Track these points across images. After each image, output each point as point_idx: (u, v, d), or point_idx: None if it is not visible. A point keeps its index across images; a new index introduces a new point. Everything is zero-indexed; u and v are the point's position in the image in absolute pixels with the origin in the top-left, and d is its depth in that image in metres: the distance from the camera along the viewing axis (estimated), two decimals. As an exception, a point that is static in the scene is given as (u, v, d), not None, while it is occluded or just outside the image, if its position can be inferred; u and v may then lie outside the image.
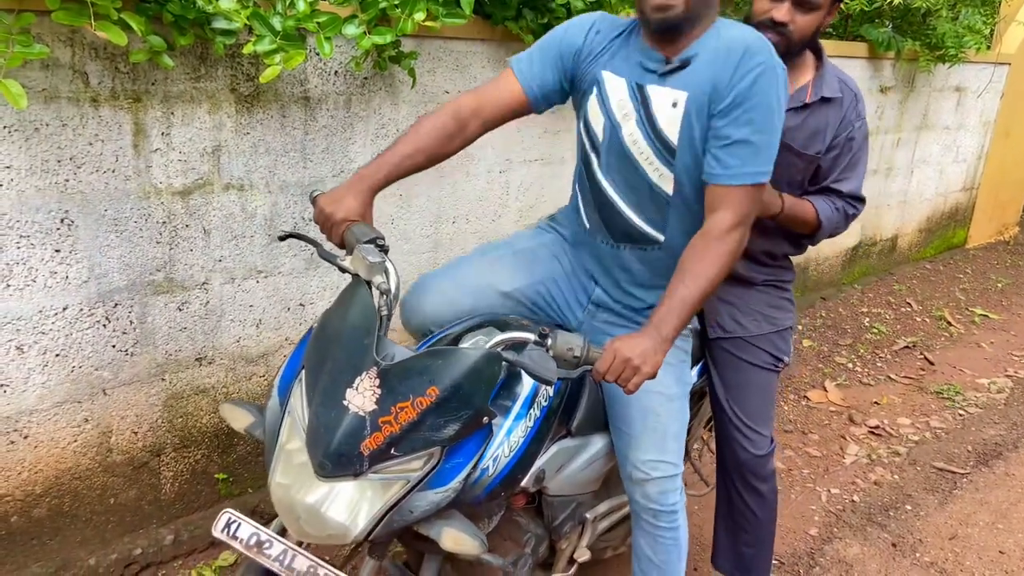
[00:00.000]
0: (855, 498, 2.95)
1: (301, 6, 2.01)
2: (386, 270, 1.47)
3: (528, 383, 1.59)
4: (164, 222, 2.09)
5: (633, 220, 1.67)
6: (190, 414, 2.31)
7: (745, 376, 2.04)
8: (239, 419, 1.55)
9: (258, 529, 1.38)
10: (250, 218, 2.24)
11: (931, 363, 4.16)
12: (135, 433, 2.21)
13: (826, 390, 3.76)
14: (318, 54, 2.19)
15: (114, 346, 2.10)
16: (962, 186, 5.71)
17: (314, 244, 1.57)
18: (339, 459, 1.30)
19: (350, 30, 2.11)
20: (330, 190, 1.55)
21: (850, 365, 4.05)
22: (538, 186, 2.96)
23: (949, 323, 4.70)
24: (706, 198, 1.54)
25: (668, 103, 1.54)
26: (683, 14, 1.48)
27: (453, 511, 1.44)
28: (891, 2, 4.13)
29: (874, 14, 4.28)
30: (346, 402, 1.32)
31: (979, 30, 4.53)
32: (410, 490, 1.34)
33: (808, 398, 3.68)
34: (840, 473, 3.11)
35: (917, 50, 4.44)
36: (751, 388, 2.04)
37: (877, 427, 3.46)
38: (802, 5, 1.76)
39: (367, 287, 1.44)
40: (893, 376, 3.99)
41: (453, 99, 1.64)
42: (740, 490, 2.12)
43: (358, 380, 1.33)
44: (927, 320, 4.72)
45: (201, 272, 2.19)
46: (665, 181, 1.60)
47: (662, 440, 1.71)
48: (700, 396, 2.20)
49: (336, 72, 2.29)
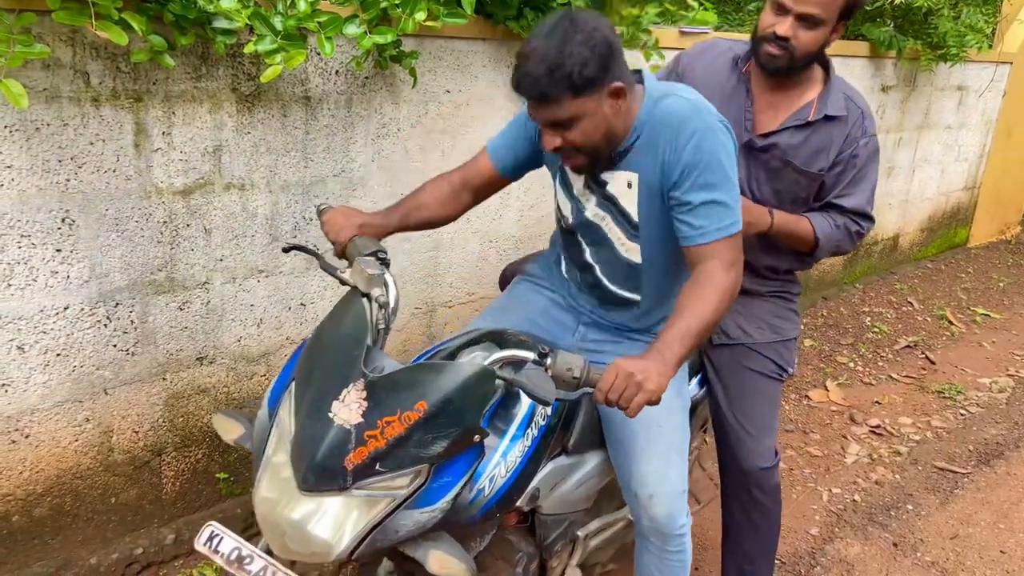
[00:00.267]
0: (856, 497, 2.95)
1: (302, 6, 2.01)
2: (385, 283, 1.45)
3: (526, 402, 1.57)
4: (165, 222, 2.09)
5: (610, 287, 1.77)
6: (191, 413, 2.31)
7: (750, 385, 2.01)
8: (230, 430, 1.53)
9: (240, 544, 1.35)
10: (251, 218, 2.24)
11: (932, 362, 4.16)
12: (136, 432, 2.21)
13: (827, 389, 3.76)
14: (319, 54, 2.19)
15: (115, 346, 2.10)
16: (964, 185, 5.70)
17: (316, 256, 1.56)
18: (322, 472, 1.27)
19: (351, 30, 2.11)
20: (344, 206, 1.67)
21: (851, 364, 4.05)
22: (539, 186, 2.96)
23: (951, 322, 4.70)
24: (689, 257, 1.58)
25: (623, 184, 1.62)
26: (595, 160, 1.58)
27: (442, 532, 1.40)
28: (893, 1, 4.12)
29: (876, 13, 4.27)
30: (331, 414, 1.29)
31: (981, 29, 4.53)
32: (395, 508, 1.30)
33: (809, 397, 3.68)
34: (841, 472, 3.11)
35: (919, 49, 4.44)
36: (756, 397, 2.01)
37: (878, 426, 3.46)
38: (805, 20, 1.75)
39: (363, 299, 1.42)
40: (894, 375, 3.98)
41: (451, 170, 1.82)
42: (743, 504, 2.09)
43: (345, 392, 1.30)
44: (928, 319, 4.72)
45: (202, 272, 2.20)
46: (632, 253, 1.69)
47: (666, 452, 1.68)
48: (693, 411, 2.11)
49: (337, 72, 2.29)
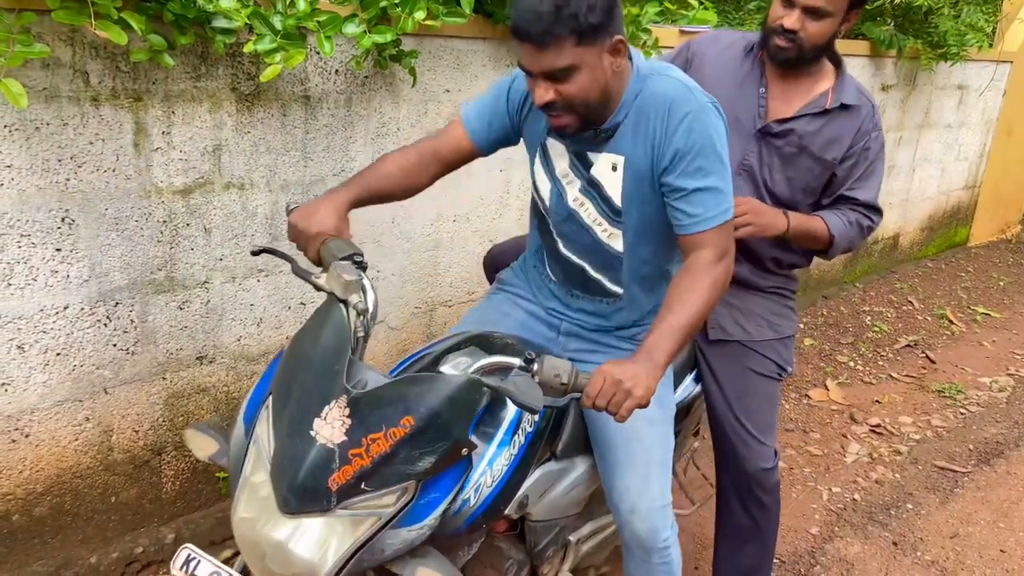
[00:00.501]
0: (856, 497, 2.95)
1: (301, 5, 2.01)
2: (363, 288, 1.38)
3: (512, 408, 1.52)
4: (165, 221, 2.09)
5: (592, 274, 1.71)
6: (191, 413, 2.31)
7: (751, 386, 2.00)
8: (203, 446, 1.46)
9: (218, 568, 1.31)
10: (251, 217, 2.24)
11: (933, 362, 4.16)
12: (136, 432, 2.22)
13: (827, 389, 3.76)
14: (318, 53, 2.19)
15: (115, 345, 2.10)
16: (964, 184, 5.70)
17: (288, 260, 1.49)
18: (304, 494, 1.21)
19: (350, 29, 2.11)
20: (302, 205, 1.51)
21: (851, 364, 4.05)
22: (539, 185, 2.96)
23: (951, 321, 4.70)
24: (681, 244, 1.56)
25: (608, 167, 1.57)
26: (583, 125, 1.50)
27: (428, 547, 1.36)
28: (893, 0, 4.12)
29: (876, 12, 4.27)
30: (313, 432, 1.24)
31: (981, 28, 4.52)
32: (381, 527, 1.26)
33: (809, 397, 3.68)
34: (841, 472, 3.11)
35: (919, 48, 4.44)
36: (756, 397, 2.00)
37: (878, 426, 3.46)
38: (813, 12, 1.76)
39: (341, 307, 1.36)
40: (895, 375, 3.98)
41: (418, 141, 1.70)
42: (745, 503, 2.08)
43: (327, 409, 1.25)
44: (929, 319, 4.72)
45: (202, 271, 2.20)
46: (614, 239, 1.64)
47: (646, 468, 1.65)
48: (687, 410, 2.12)
49: (337, 71, 2.29)
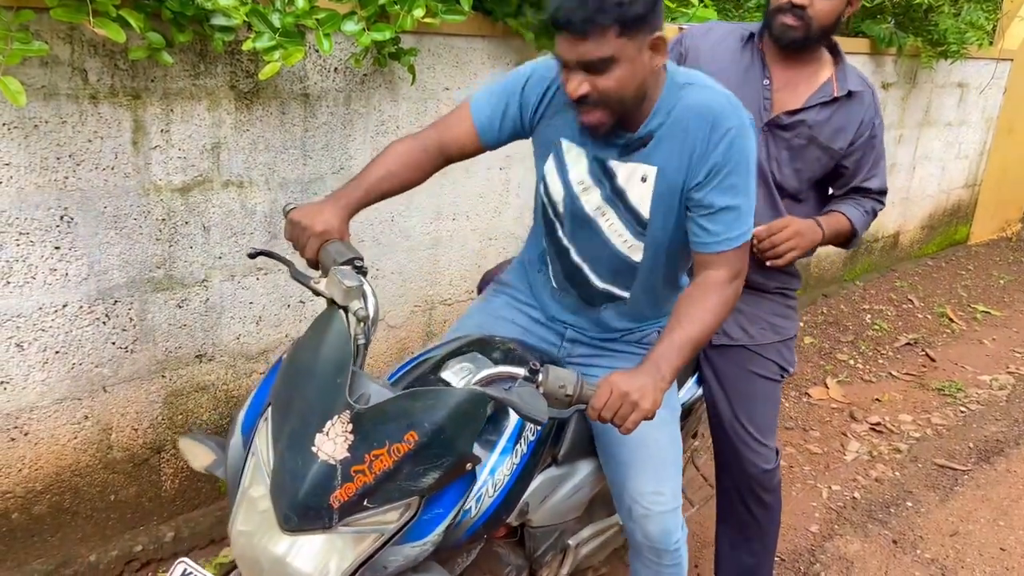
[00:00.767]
0: (856, 495, 2.95)
1: (300, 3, 2.00)
2: (364, 294, 1.35)
3: (515, 416, 1.49)
4: (164, 219, 2.09)
5: (599, 285, 1.67)
6: (190, 411, 2.31)
7: (754, 388, 2.00)
8: (199, 456, 1.42)
9: None
10: (250, 215, 2.24)
11: (933, 360, 4.16)
12: (135, 430, 2.22)
13: (827, 387, 3.76)
14: (317, 51, 2.19)
15: (114, 343, 2.10)
16: (964, 183, 5.70)
17: (286, 263, 1.45)
18: (306, 511, 1.18)
19: (349, 27, 2.11)
20: (305, 204, 1.47)
21: (851, 362, 4.05)
22: (538, 183, 2.96)
23: (951, 320, 4.69)
24: (695, 260, 1.53)
25: (637, 178, 1.52)
26: (615, 125, 1.46)
27: (430, 562, 1.35)
28: (893, -2, 4.12)
29: (876, 10, 4.26)
30: (315, 448, 1.20)
31: (981, 26, 4.52)
32: (384, 544, 1.24)
33: (809, 395, 3.68)
34: (841, 470, 3.11)
35: (919, 46, 4.43)
36: (759, 399, 2.00)
37: (878, 424, 3.46)
38: None
39: (342, 316, 1.33)
40: (895, 373, 3.98)
41: (420, 131, 1.63)
42: (748, 504, 2.08)
43: (329, 424, 1.21)
44: (929, 317, 4.71)
45: (201, 269, 2.19)
46: (634, 251, 1.59)
47: (660, 469, 1.64)
48: (688, 412, 2.10)
49: (335, 69, 2.29)
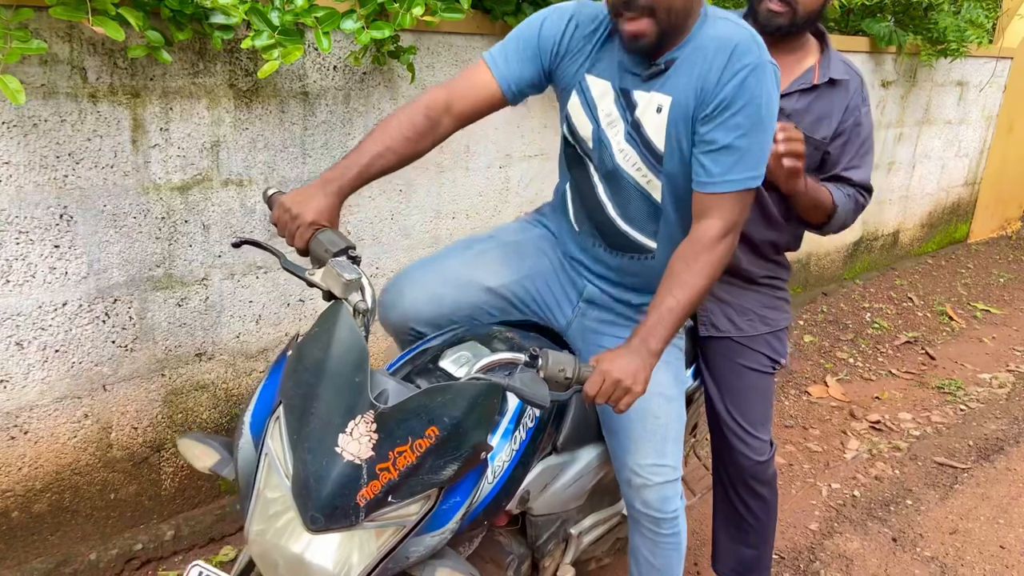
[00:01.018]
0: (856, 493, 2.95)
1: (299, 1, 2.00)
2: (362, 287, 1.33)
3: (513, 403, 1.50)
4: (163, 218, 2.09)
5: (625, 229, 1.63)
6: (190, 410, 2.31)
7: (743, 380, 1.99)
8: (202, 456, 1.40)
9: None
10: (249, 214, 2.24)
11: (932, 358, 4.16)
12: (135, 429, 2.22)
13: (827, 385, 3.75)
14: (316, 49, 2.19)
15: (114, 342, 2.10)
16: (964, 181, 5.70)
17: (276, 254, 1.41)
18: (333, 512, 1.18)
19: (348, 25, 2.11)
20: (294, 190, 1.41)
21: (851, 360, 4.05)
22: (538, 181, 2.96)
23: (951, 318, 4.69)
24: (694, 205, 1.49)
25: (653, 108, 1.48)
26: (656, 40, 1.42)
27: (446, 548, 1.36)
28: (893, -4, 4.12)
29: (876, 8, 4.26)
30: (339, 449, 1.20)
31: (981, 24, 4.52)
32: (405, 536, 1.25)
33: (809, 393, 3.68)
34: (841, 468, 3.11)
35: (919, 44, 4.43)
36: (750, 392, 2.00)
37: (878, 422, 3.46)
38: None
39: (350, 311, 1.31)
40: (894, 371, 3.98)
41: (422, 94, 1.53)
42: (742, 496, 2.08)
43: (352, 424, 1.21)
44: (929, 315, 4.71)
45: (200, 268, 2.19)
46: (653, 188, 1.55)
47: (662, 443, 1.64)
48: (688, 402, 2.09)
49: (335, 67, 2.29)
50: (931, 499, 2.93)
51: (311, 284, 1.37)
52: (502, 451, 1.47)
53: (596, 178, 1.61)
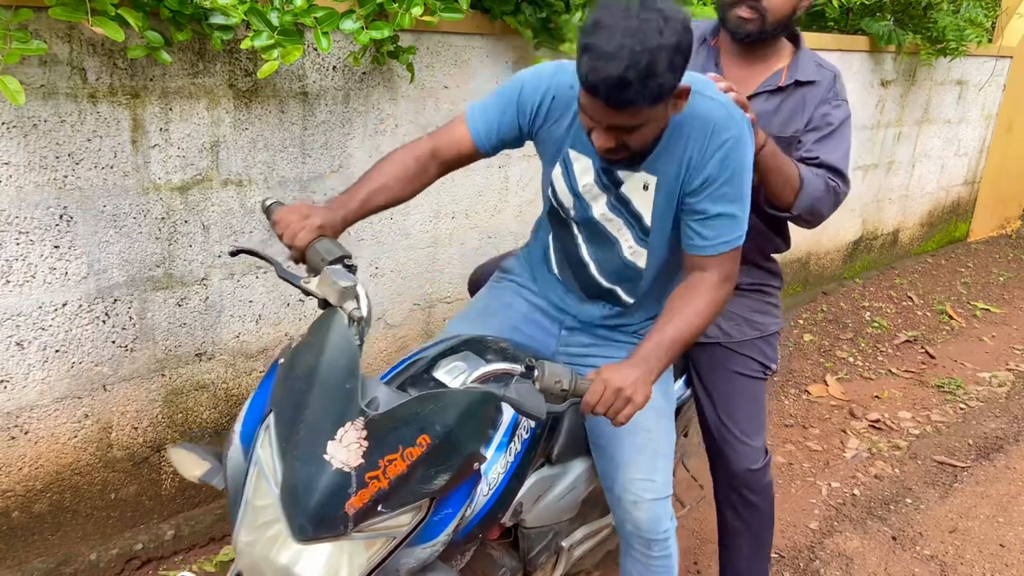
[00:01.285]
0: (855, 492, 2.95)
1: (298, 1, 2.00)
2: (357, 295, 1.33)
3: (508, 414, 1.49)
4: (163, 218, 2.09)
5: (604, 284, 1.69)
6: (190, 409, 2.31)
7: (734, 387, 1.98)
8: (192, 465, 1.39)
9: None
10: (249, 214, 2.24)
11: (932, 357, 4.16)
12: (135, 429, 2.22)
13: (827, 384, 3.76)
14: (316, 49, 2.19)
15: (114, 342, 2.10)
16: (964, 180, 5.70)
17: (271, 262, 1.42)
18: (322, 521, 1.16)
19: (348, 25, 2.11)
20: (299, 203, 1.45)
21: (851, 359, 4.05)
22: (537, 181, 2.96)
23: (950, 317, 4.70)
24: (687, 261, 1.55)
25: (639, 186, 1.54)
26: (632, 157, 1.47)
27: (437, 561, 1.34)
28: (892, -5, 4.12)
29: (875, 7, 4.26)
30: (328, 456, 1.18)
31: (980, 23, 4.52)
32: (395, 547, 1.23)
33: (809, 392, 3.68)
34: (840, 467, 3.11)
35: (918, 43, 4.43)
36: (741, 399, 1.98)
37: (878, 421, 3.46)
38: None
39: (343, 318, 1.30)
40: (894, 370, 3.99)
41: (411, 141, 1.62)
42: (734, 504, 2.08)
43: (341, 432, 1.19)
44: (928, 314, 4.71)
45: (200, 268, 2.20)
46: (638, 256, 1.62)
47: (652, 458, 1.65)
48: (677, 412, 2.05)
49: (334, 67, 2.29)
50: (931, 498, 2.93)
51: (306, 292, 1.37)
52: (497, 463, 1.45)
53: (580, 239, 1.67)
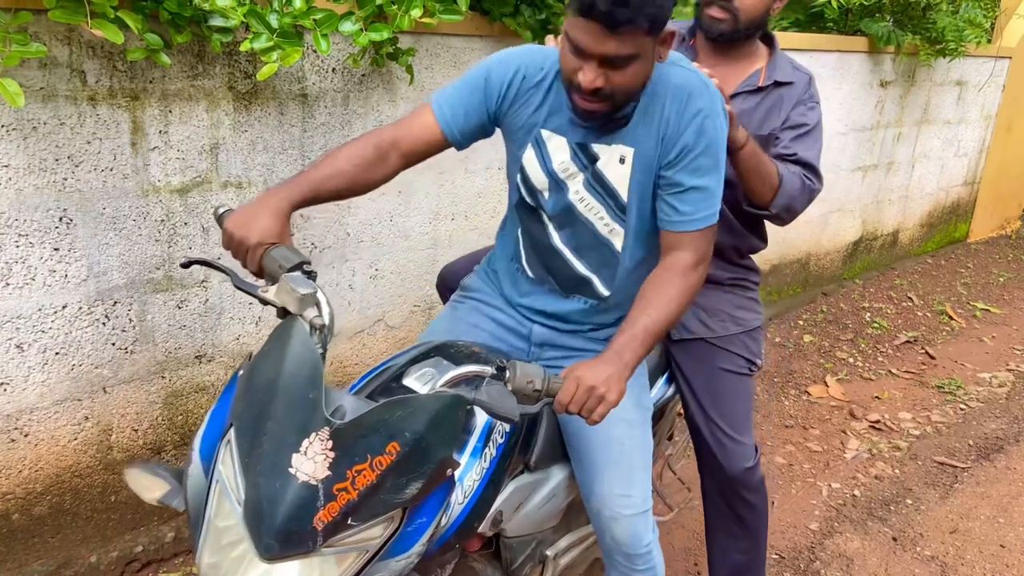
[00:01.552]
0: (856, 492, 2.95)
1: (298, 3, 2.01)
2: (318, 302, 1.28)
3: (482, 419, 1.45)
4: (163, 220, 2.09)
5: (580, 271, 1.64)
6: (190, 411, 2.31)
7: (720, 383, 1.96)
8: (150, 487, 1.33)
9: None
10: (249, 216, 2.24)
11: (932, 357, 4.16)
12: (135, 431, 2.22)
13: (827, 385, 3.76)
14: (315, 51, 2.19)
15: (114, 344, 2.10)
16: (963, 180, 5.70)
17: (227, 272, 1.36)
18: (288, 537, 1.11)
19: (347, 27, 2.11)
20: (238, 209, 1.35)
21: (851, 360, 4.05)
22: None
23: (950, 317, 4.70)
24: (663, 241, 1.52)
25: (615, 159, 1.51)
26: (609, 114, 1.44)
27: (412, 574, 1.30)
28: (891, -4, 4.13)
29: (874, 8, 4.27)
30: (292, 470, 1.12)
31: (979, 24, 4.53)
32: (368, 561, 1.18)
33: (809, 393, 3.68)
34: (841, 468, 3.11)
35: (917, 44, 4.44)
36: (728, 395, 1.96)
37: (878, 421, 3.46)
38: None
39: (305, 326, 1.25)
40: (894, 370, 3.98)
41: (372, 130, 1.56)
42: (731, 504, 2.05)
43: (306, 443, 1.14)
44: (928, 314, 4.71)
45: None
46: (615, 236, 1.58)
47: (628, 471, 1.61)
48: (661, 413, 2.07)
49: (334, 69, 2.29)
50: (931, 498, 2.93)
51: (264, 302, 1.31)
52: (472, 470, 1.41)
53: (551, 227, 1.62)
